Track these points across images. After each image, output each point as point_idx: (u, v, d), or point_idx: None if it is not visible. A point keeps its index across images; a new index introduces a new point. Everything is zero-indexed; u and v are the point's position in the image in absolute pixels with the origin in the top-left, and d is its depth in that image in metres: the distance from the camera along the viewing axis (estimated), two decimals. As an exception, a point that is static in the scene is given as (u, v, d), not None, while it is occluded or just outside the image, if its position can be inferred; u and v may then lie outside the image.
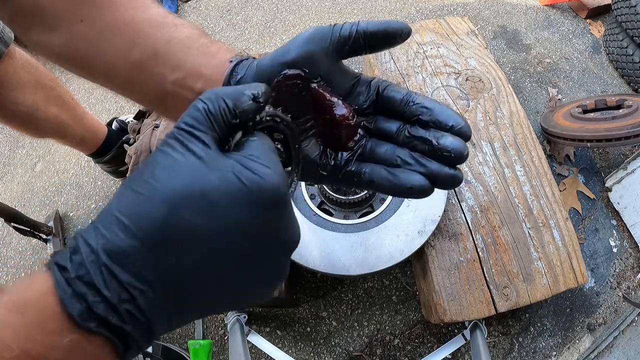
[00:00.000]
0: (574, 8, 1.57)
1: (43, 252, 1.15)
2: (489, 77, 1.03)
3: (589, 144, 1.00)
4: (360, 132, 0.33)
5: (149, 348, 0.87)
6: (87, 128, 1.01)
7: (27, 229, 1.03)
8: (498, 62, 1.32)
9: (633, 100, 1.07)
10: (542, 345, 0.98)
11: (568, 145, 1.16)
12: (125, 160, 0.98)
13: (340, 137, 0.32)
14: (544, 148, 1.19)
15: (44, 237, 1.09)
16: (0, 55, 0.76)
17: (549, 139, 1.18)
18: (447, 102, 0.99)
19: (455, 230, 0.83)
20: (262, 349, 0.88)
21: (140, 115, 1.02)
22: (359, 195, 0.78)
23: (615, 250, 1.09)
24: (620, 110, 1.05)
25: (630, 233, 1.10)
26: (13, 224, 0.99)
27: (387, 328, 0.99)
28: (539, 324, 1.00)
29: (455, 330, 0.98)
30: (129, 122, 1.03)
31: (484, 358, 0.75)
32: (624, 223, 1.11)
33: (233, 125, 0.24)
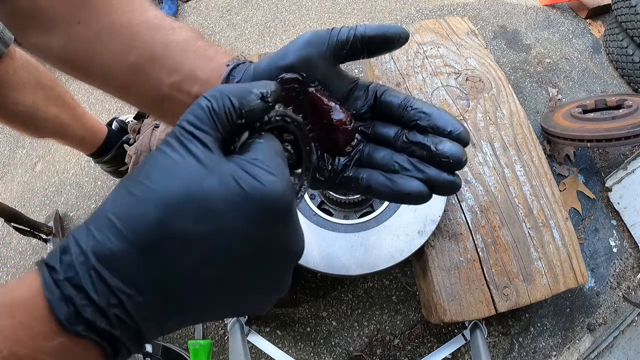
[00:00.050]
0: (574, 8, 1.57)
1: (43, 252, 1.15)
2: (489, 77, 1.03)
3: (589, 144, 1.00)
4: (358, 137, 0.33)
5: (149, 348, 0.87)
6: (87, 128, 1.01)
7: (27, 229, 1.02)
8: (498, 62, 1.32)
9: (633, 100, 1.07)
10: (542, 345, 0.98)
11: (568, 145, 1.16)
12: (125, 160, 0.98)
13: (338, 142, 0.32)
14: (544, 148, 1.19)
15: (44, 237, 1.09)
16: (1, 56, 0.76)
17: (549, 139, 1.18)
18: (447, 102, 0.99)
19: (455, 230, 0.83)
20: (262, 349, 0.88)
21: (140, 115, 1.01)
22: (359, 195, 0.78)
23: (615, 250, 1.09)
24: (620, 110, 1.05)
25: (630, 233, 1.10)
26: (13, 224, 0.99)
27: (387, 328, 0.99)
28: (539, 324, 1.00)
29: (455, 330, 0.98)
30: (129, 122, 1.03)
31: (484, 358, 0.75)
32: (624, 223, 1.11)
33: (238, 126, 0.23)
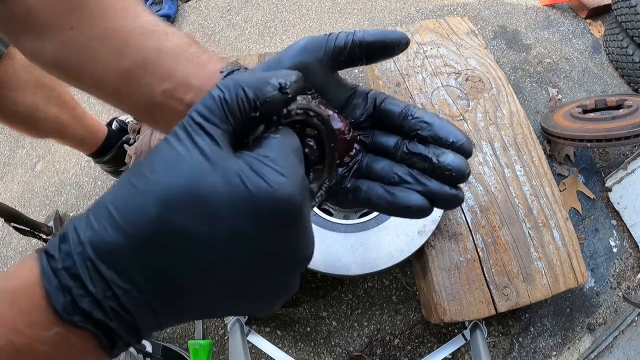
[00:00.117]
0: (574, 8, 1.57)
1: (43, 252, 1.15)
2: (489, 77, 1.03)
3: (589, 144, 1.00)
4: (357, 146, 0.32)
5: (149, 348, 0.87)
6: (87, 128, 1.01)
7: (27, 229, 1.02)
8: (498, 62, 1.32)
9: (633, 100, 1.07)
10: (542, 345, 0.98)
11: (568, 145, 1.16)
12: (125, 160, 0.98)
13: (336, 151, 0.30)
14: (544, 148, 1.19)
15: (44, 237, 1.08)
16: (1, 56, 0.76)
17: (549, 139, 1.18)
18: (447, 102, 0.99)
19: (455, 230, 0.83)
20: (262, 349, 0.88)
21: (140, 115, 1.01)
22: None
23: (615, 250, 1.09)
24: (620, 110, 1.05)
25: (630, 233, 1.10)
26: (13, 224, 0.99)
27: (387, 328, 0.99)
28: (539, 324, 1.00)
29: (455, 330, 0.98)
30: (129, 122, 1.03)
31: (484, 358, 0.75)
32: (624, 223, 1.11)
33: (253, 118, 0.21)
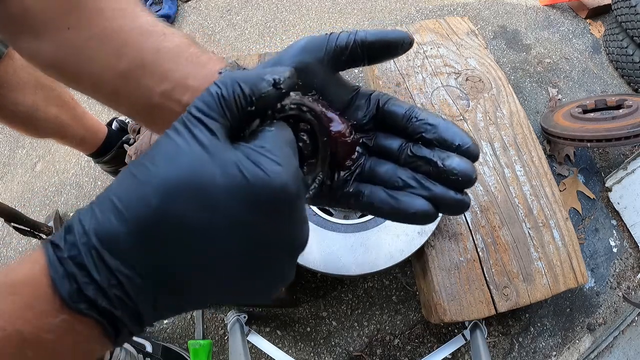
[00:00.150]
0: (574, 8, 1.57)
1: (43, 252, 1.15)
2: (489, 77, 1.03)
3: (589, 144, 1.00)
4: (359, 149, 0.31)
5: (149, 348, 0.87)
6: (87, 128, 1.01)
7: (27, 229, 1.02)
8: (498, 62, 1.32)
9: (633, 100, 1.07)
10: (542, 345, 0.98)
11: (568, 145, 1.16)
12: (125, 160, 0.98)
13: (337, 155, 0.30)
14: (544, 148, 1.19)
15: (44, 237, 1.08)
16: (0, 56, 0.76)
17: (549, 139, 1.18)
18: (447, 102, 0.99)
19: (455, 230, 0.83)
20: (262, 349, 0.88)
21: (140, 115, 1.01)
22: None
23: (615, 250, 1.09)
24: (620, 110, 1.05)
25: (630, 233, 1.10)
26: (13, 224, 0.99)
27: (387, 328, 0.99)
28: (539, 324, 1.00)
29: (455, 330, 0.98)
30: (129, 122, 1.03)
31: (484, 358, 0.75)
32: (624, 223, 1.11)
33: (249, 113, 0.22)
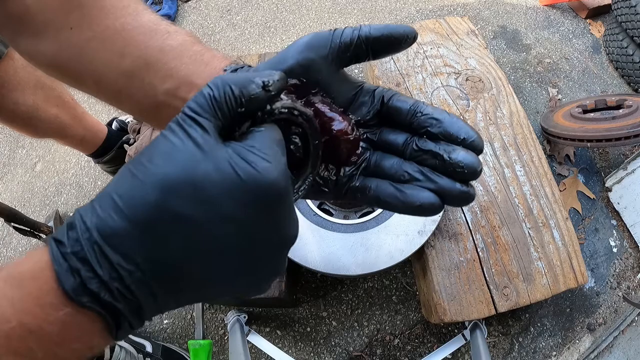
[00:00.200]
0: (574, 8, 1.57)
1: (43, 252, 1.15)
2: (489, 77, 1.03)
3: (589, 144, 1.00)
4: (363, 145, 0.31)
5: (149, 348, 0.87)
6: (87, 128, 1.01)
7: (27, 229, 1.02)
8: (498, 62, 1.32)
9: (633, 100, 1.07)
10: (542, 345, 0.98)
11: (568, 145, 1.16)
12: (125, 160, 0.98)
13: (340, 152, 0.30)
14: (544, 148, 1.19)
15: (44, 237, 1.09)
16: (1, 56, 0.76)
17: (549, 139, 1.18)
18: (447, 102, 0.99)
19: (455, 230, 0.83)
20: (262, 349, 0.88)
21: (140, 116, 1.01)
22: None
23: (615, 250, 1.09)
24: (620, 110, 1.05)
25: (630, 233, 1.10)
26: (13, 224, 0.99)
27: (387, 328, 0.99)
28: (539, 324, 1.00)
29: (455, 330, 0.98)
30: (129, 122, 1.03)
31: (484, 358, 0.75)
32: (624, 223, 1.11)
33: (239, 114, 0.23)
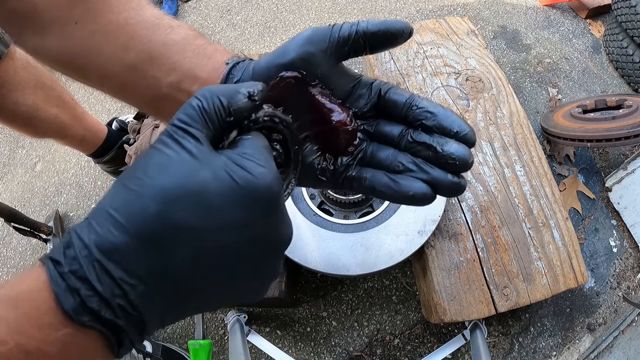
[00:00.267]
0: (574, 8, 1.57)
1: (43, 252, 1.15)
2: (489, 77, 1.03)
3: (589, 144, 1.00)
4: (361, 136, 0.32)
5: (149, 348, 0.87)
6: (87, 128, 1.01)
7: (27, 229, 1.02)
8: (498, 62, 1.32)
9: (633, 100, 1.07)
10: (542, 345, 0.98)
11: (568, 145, 1.16)
12: (125, 160, 0.98)
13: (339, 142, 0.31)
14: (544, 148, 1.19)
15: (44, 237, 1.09)
16: (1, 56, 0.76)
17: (549, 139, 1.18)
18: (447, 102, 0.99)
19: (455, 230, 0.83)
20: (262, 349, 0.88)
21: (140, 115, 1.02)
22: (359, 195, 0.77)
23: (615, 250, 1.09)
24: (620, 110, 1.05)
25: (630, 233, 1.10)
26: (13, 224, 0.99)
27: (387, 328, 0.99)
28: (539, 324, 1.00)
29: (455, 330, 0.98)
30: (129, 122, 1.03)
31: (484, 358, 0.75)
32: (624, 223, 1.11)
33: (228, 124, 0.24)
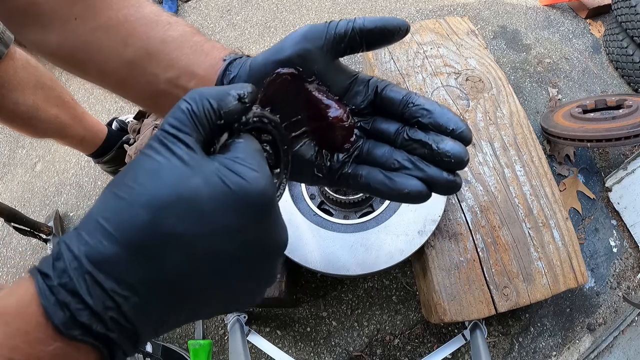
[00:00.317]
0: (574, 8, 1.57)
1: (43, 252, 1.15)
2: (489, 77, 1.03)
3: (589, 144, 1.00)
4: (357, 132, 0.32)
5: (149, 348, 0.87)
6: (87, 128, 1.01)
7: (27, 229, 1.02)
8: (498, 62, 1.32)
9: (633, 100, 1.07)
10: (542, 345, 0.98)
11: (568, 145, 1.16)
12: (125, 161, 0.98)
13: (335, 138, 0.31)
14: (544, 148, 1.19)
15: (44, 237, 1.09)
16: (1, 56, 0.76)
17: (549, 139, 1.17)
18: (447, 102, 0.99)
19: (455, 230, 0.83)
20: (262, 349, 0.88)
21: (140, 115, 1.02)
22: (359, 195, 0.77)
23: (615, 250, 1.09)
24: (620, 110, 1.05)
25: (630, 233, 1.10)
26: (13, 224, 0.99)
27: (387, 328, 0.99)
28: (539, 324, 1.00)
29: (455, 330, 0.98)
30: (129, 122, 1.03)
31: (484, 358, 0.75)
32: (624, 223, 1.11)
33: (218, 126, 0.23)
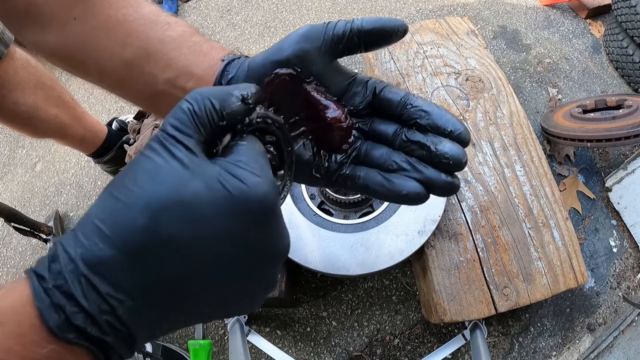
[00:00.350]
0: (574, 8, 1.57)
1: (43, 252, 1.15)
2: (489, 77, 1.03)
3: (589, 144, 1.00)
4: (355, 134, 0.32)
5: (149, 348, 0.87)
6: (87, 128, 1.01)
7: (27, 229, 1.02)
8: (498, 62, 1.32)
9: (633, 100, 1.07)
10: (542, 345, 0.98)
11: (568, 145, 1.16)
12: (126, 160, 0.98)
13: (334, 139, 0.31)
14: (544, 148, 1.19)
15: (44, 237, 1.09)
16: (1, 56, 0.76)
17: (549, 139, 1.18)
18: (447, 102, 0.99)
19: (455, 230, 0.83)
20: (262, 349, 0.88)
21: (140, 115, 1.02)
22: (359, 195, 0.77)
23: (615, 250, 1.09)
24: (620, 110, 1.05)
25: (630, 233, 1.10)
26: (13, 224, 0.99)
27: (387, 328, 0.99)
28: (539, 324, 1.00)
29: (455, 330, 0.98)
30: (129, 122, 1.03)
31: (484, 358, 0.75)
32: (624, 223, 1.11)
33: (220, 127, 0.23)
